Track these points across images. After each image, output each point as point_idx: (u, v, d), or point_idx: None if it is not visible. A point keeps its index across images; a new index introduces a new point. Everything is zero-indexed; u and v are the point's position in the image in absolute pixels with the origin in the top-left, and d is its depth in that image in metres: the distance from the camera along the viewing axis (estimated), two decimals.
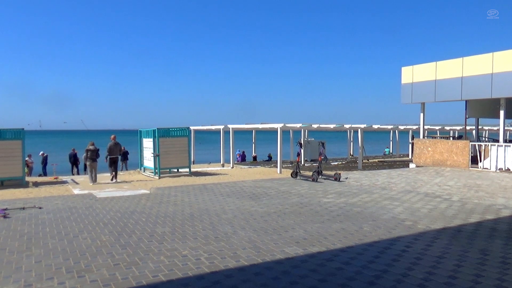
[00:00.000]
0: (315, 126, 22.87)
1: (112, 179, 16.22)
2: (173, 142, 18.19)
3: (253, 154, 31.35)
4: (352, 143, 31.93)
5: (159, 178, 17.10)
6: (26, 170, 18.15)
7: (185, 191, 12.69)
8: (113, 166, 16.58)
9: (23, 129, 15.60)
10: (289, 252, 6.01)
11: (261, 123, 23.94)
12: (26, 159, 18.76)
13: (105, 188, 14.05)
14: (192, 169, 19.43)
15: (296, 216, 8.64)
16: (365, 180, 15.15)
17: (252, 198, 11.06)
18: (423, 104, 21.95)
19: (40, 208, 9.78)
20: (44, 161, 23.95)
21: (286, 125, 20.65)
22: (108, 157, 16.49)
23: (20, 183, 15.01)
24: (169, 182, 15.72)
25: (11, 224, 8.02)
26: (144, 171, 20.08)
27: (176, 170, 19.27)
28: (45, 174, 23.18)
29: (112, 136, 17.28)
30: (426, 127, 23.30)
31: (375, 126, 24.99)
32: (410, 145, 29.23)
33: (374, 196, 11.29)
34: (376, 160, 28.93)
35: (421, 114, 22.13)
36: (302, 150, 22.62)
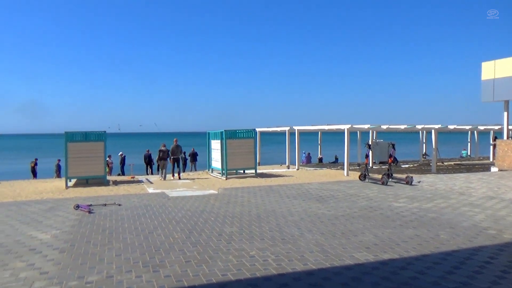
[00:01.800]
0: (384, 127, 22.01)
1: (174, 177, 18.25)
2: (239, 143, 18.56)
3: (319, 155, 30.94)
4: (424, 144, 30.21)
5: (226, 179, 17.54)
6: (107, 169, 19.63)
7: (252, 192, 12.87)
8: (175, 165, 18.62)
9: (105, 131, 16.87)
10: (358, 258, 5.84)
11: (327, 124, 23.57)
12: (107, 159, 20.27)
13: (176, 187, 14.71)
14: (258, 171, 19.66)
15: (365, 220, 8.37)
16: (440, 184, 14.25)
17: (319, 200, 10.91)
18: (506, 102, 20.15)
19: (119, 205, 10.50)
20: (123, 161, 25.71)
21: (353, 126, 20.11)
22: (171, 157, 18.43)
23: (102, 182, 16.24)
24: (236, 183, 16.05)
25: (95, 219, 8.71)
26: (212, 172, 20.72)
27: (242, 171, 19.65)
28: (123, 173, 24.88)
29: (175, 139, 19.22)
30: (510, 127, 21.36)
31: (451, 127, 23.44)
32: (491, 147, 26.96)
33: (451, 201, 10.58)
34: (452, 163, 27.09)
35: (505, 113, 20.33)
36: (370, 152, 21.88)
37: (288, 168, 23.80)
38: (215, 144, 19.73)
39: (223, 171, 18.30)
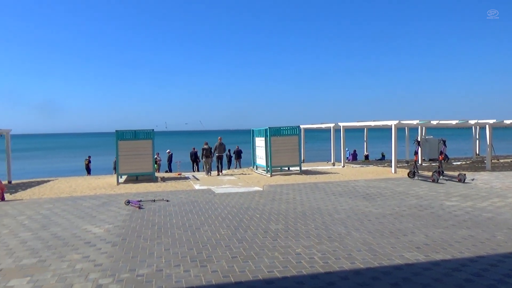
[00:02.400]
0: (434, 122, 21.05)
1: (218, 174, 19.31)
2: (284, 140, 18.51)
3: (365, 153, 30.18)
4: (478, 141, 28.57)
5: (271, 176, 17.56)
6: (156, 166, 20.35)
7: (297, 189, 12.80)
8: (219, 162, 19.88)
9: (153, 130, 17.44)
10: (408, 258, 5.62)
11: (373, 121, 22.92)
12: (155, 157, 20.97)
13: (222, 184, 14.93)
14: (303, 168, 19.52)
15: (415, 219, 8.05)
16: (496, 182, 13.43)
17: (366, 198, 10.64)
18: None
19: (167, 201, 10.82)
20: (170, 158, 26.48)
21: (401, 122, 19.41)
22: (215, 154, 19.78)
23: (150, 178, 16.82)
24: (281, 180, 16.02)
25: (144, 214, 9.04)
26: (256, 169, 20.82)
27: (287, 168, 19.58)
28: (170, 170, 25.62)
29: (219, 138, 20.52)
30: None
31: (508, 121, 22.00)
32: None
33: (508, 200, 9.94)
34: (509, 160, 25.45)
35: None
36: (419, 149, 21.03)
37: (334, 166, 23.43)
38: (260, 142, 19.80)
39: (268, 168, 18.34)
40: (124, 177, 17.52)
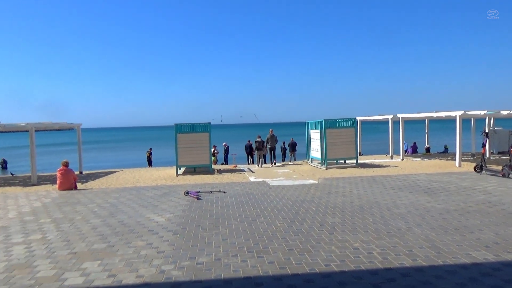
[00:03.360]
0: (504, 112, 19.52)
1: (271, 165, 20.32)
2: (339, 132, 18.15)
3: (426, 145, 28.77)
4: None
5: (326, 169, 17.34)
6: (213, 158, 20.92)
7: (353, 182, 12.52)
8: (271, 153, 20.79)
9: (210, 123, 17.89)
10: (476, 257, 5.31)
11: (435, 111, 21.75)
12: (212, 149, 21.53)
13: (277, 177, 14.99)
14: (359, 161, 19.05)
15: (483, 216, 7.56)
16: None
17: (427, 193, 10.17)
18: None
19: (224, 192, 11.08)
20: (226, 151, 27.05)
21: (466, 112, 18.23)
22: (268, 146, 20.63)
23: (207, 170, 17.31)
24: (336, 173, 15.77)
25: (202, 205, 9.33)
26: (311, 162, 20.66)
27: (343, 161, 19.22)
28: (226, 162, 26.19)
29: (270, 130, 21.06)
30: None
31: None
32: None
33: None
34: None
35: None
36: (488, 141, 19.65)
37: (392, 159, 22.62)
38: (315, 134, 19.59)
39: (323, 161, 18.12)
40: (182, 169, 18.17)
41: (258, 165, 20.22)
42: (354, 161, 18.46)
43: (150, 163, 27.29)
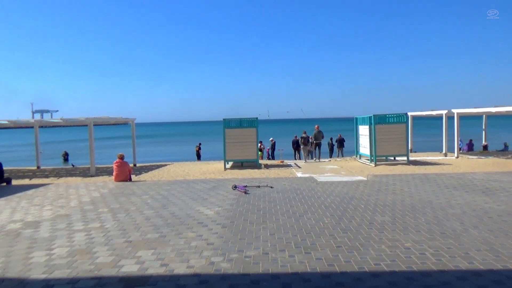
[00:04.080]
0: None
1: (315, 160, 20.89)
2: (389, 129, 17.62)
3: (483, 142, 27.18)
4: None
5: (375, 166, 16.92)
6: (259, 153, 21.11)
7: (404, 180, 12.12)
8: (316, 149, 21.51)
9: (257, 118, 18.03)
10: None
11: (495, 106, 20.45)
12: (259, 144, 21.71)
13: (324, 173, 14.84)
14: (410, 158, 18.39)
15: None
16: None
17: (485, 193, 9.62)
18: None
19: (271, 187, 11.14)
20: (273, 146, 27.12)
21: None
22: (314, 141, 21.32)
23: (254, 165, 17.48)
24: (386, 170, 15.34)
25: (250, 199, 9.45)
26: (359, 158, 20.22)
27: (392, 158, 18.65)
28: (273, 157, 26.27)
29: (316, 126, 21.81)
30: None
31: None
32: None
33: None
34: None
35: None
36: None
37: (446, 156, 21.60)
38: (363, 130, 19.15)
39: (372, 158, 17.69)
40: (230, 163, 18.49)
41: (304, 161, 20.51)
42: (405, 158, 17.85)
43: (198, 157, 27.99)
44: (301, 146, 21.46)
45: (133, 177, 14.74)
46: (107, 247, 5.99)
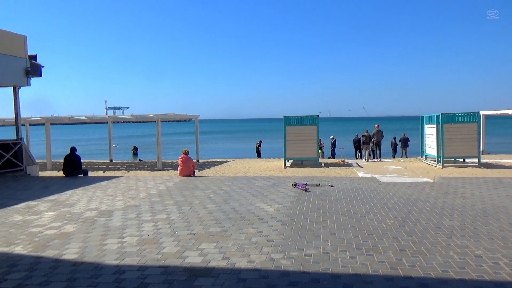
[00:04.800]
0: None
1: (376, 159, 20.87)
2: (459, 128, 16.61)
3: None
4: None
5: (442, 167, 16.04)
6: (319, 152, 20.94)
7: (475, 183, 11.36)
8: (377, 148, 21.54)
9: (318, 116, 17.87)
10: None
11: None
12: (319, 143, 21.50)
13: (387, 173, 14.35)
14: (482, 160, 17.18)
15: None
16: None
17: None
18: None
19: (332, 186, 11.01)
20: (333, 145, 26.72)
21: None
22: (374, 140, 21.35)
23: (314, 164, 17.35)
24: (454, 172, 14.49)
25: (310, 198, 9.42)
26: (425, 159, 19.28)
27: (462, 160, 17.55)
28: (333, 156, 25.87)
29: (376, 125, 21.76)
30: None
31: None
32: None
33: None
34: None
35: None
36: None
37: None
38: (430, 129, 18.21)
39: (439, 159, 16.78)
40: (290, 161, 18.51)
41: (366, 160, 20.17)
42: (476, 160, 16.70)
43: (259, 154, 28.33)
44: (362, 146, 21.64)
45: (196, 172, 15.29)
46: (173, 238, 6.31)
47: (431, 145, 18.13)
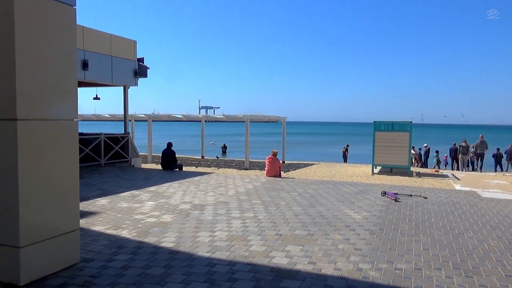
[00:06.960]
0: None
1: (475, 170, 19.95)
2: None
3: None
4: None
5: None
6: (412, 160, 19.81)
7: None
8: (479, 160, 20.35)
9: (411, 122, 16.92)
10: None
11: None
12: (411, 150, 20.33)
13: (489, 188, 13.08)
14: None
15: None
16: None
17: None
18: None
19: (425, 198, 10.35)
20: (427, 153, 25.06)
21: None
22: (476, 152, 20.18)
23: (405, 172, 16.46)
24: None
25: (401, 208, 8.98)
26: None
27: None
28: (426, 165, 24.26)
29: (480, 136, 20.52)
30: None
31: None
32: None
33: None
34: None
35: None
36: None
37: None
38: None
39: None
40: (378, 168, 17.81)
41: (462, 171, 18.71)
42: None
43: (345, 159, 27.70)
44: (460, 156, 20.44)
45: (282, 173, 15.47)
46: (260, 237, 6.48)
47: None
